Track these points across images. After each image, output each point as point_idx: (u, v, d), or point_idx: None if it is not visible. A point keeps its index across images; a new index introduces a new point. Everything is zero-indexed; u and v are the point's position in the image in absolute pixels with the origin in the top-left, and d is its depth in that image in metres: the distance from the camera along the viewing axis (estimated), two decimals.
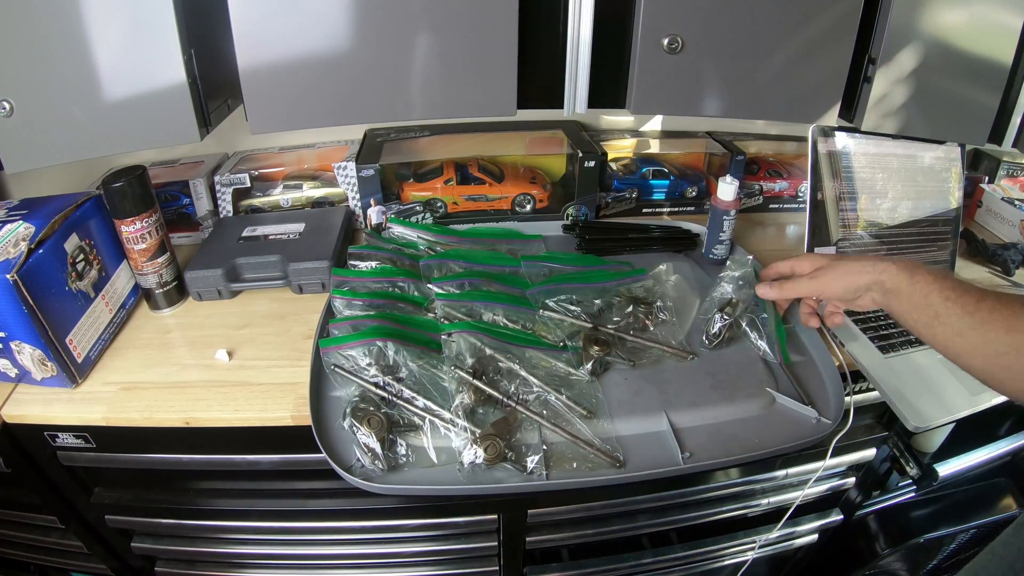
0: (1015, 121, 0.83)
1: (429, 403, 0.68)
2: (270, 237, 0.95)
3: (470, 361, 0.71)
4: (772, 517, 0.94)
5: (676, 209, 1.16)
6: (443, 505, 0.83)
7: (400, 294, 0.84)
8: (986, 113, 0.82)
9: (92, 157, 0.72)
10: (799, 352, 0.81)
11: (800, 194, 1.17)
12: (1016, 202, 1.11)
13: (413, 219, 1.05)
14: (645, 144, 1.16)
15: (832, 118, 0.82)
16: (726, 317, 0.78)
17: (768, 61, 0.77)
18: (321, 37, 0.70)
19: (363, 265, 0.88)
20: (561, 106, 0.79)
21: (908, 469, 0.94)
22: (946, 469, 0.92)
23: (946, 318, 0.56)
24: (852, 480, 0.98)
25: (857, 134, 0.87)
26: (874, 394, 0.82)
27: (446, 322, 0.77)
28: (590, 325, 0.79)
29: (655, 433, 0.70)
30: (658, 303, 0.83)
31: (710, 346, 0.80)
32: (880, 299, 0.64)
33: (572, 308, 0.81)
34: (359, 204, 1.04)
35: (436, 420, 0.67)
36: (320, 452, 0.64)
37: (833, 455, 0.75)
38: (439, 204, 1.06)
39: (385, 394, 0.69)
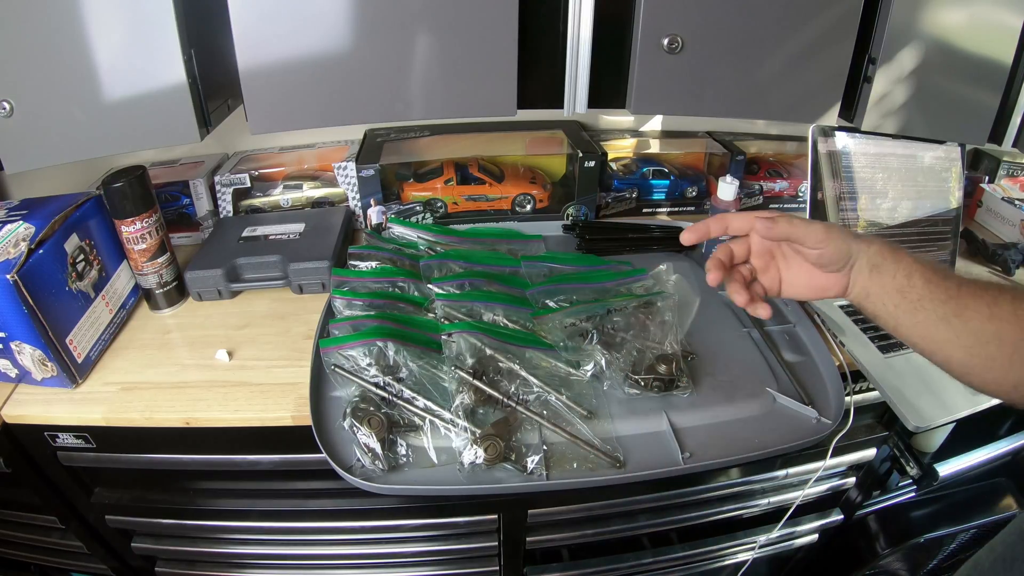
0: (1015, 121, 0.83)
1: (429, 403, 0.68)
2: (270, 237, 0.95)
3: (470, 361, 0.71)
4: (772, 517, 0.94)
5: (676, 209, 1.16)
6: (443, 505, 0.83)
7: (400, 294, 0.84)
8: (986, 113, 0.82)
9: (92, 157, 0.72)
10: (799, 352, 0.81)
11: (800, 194, 1.17)
12: (1016, 202, 1.11)
13: (413, 219, 1.05)
14: (645, 144, 1.16)
15: (832, 118, 0.82)
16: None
17: (768, 61, 0.77)
18: (321, 37, 0.70)
19: (363, 265, 0.88)
20: (561, 106, 0.79)
21: (908, 469, 0.94)
22: (946, 469, 0.91)
23: (929, 303, 0.51)
24: (852, 480, 0.98)
25: (857, 134, 0.87)
26: (874, 394, 0.82)
27: (446, 322, 0.77)
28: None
29: (655, 433, 0.70)
30: (659, 303, 0.83)
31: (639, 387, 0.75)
32: (864, 275, 0.55)
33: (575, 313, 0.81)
34: (359, 204, 1.04)
35: (436, 420, 0.67)
36: (320, 452, 0.64)
37: (833, 455, 0.75)
38: (439, 204, 1.06)
39: (385, 394, 0.69)
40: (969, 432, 0.92)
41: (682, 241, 0.61)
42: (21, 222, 0.70)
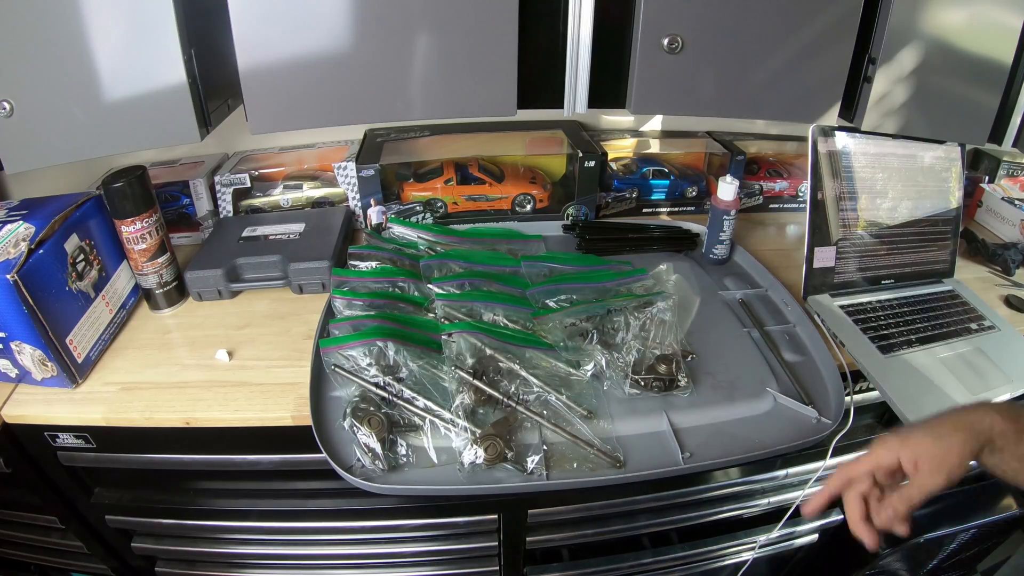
0: (1015, 121, 0.83)
1: (429, 403, 0.68)
2: (270, 237, 0.95)
3: (470, 361, 0.71)
4: (772, 517, 0.93)
5: (676, 209, 1.16)
6: (443, 505, 0.83)
7: (400, 294, 0.84)
8: (986, 113, 0.82)
9: (92, 157, 0.72)
10: (799, 352, 0.81)
11: (800, 194, 1.17)
12: (1016, 202, 1.11)
13: (413, 219, 1.05)
14: (645, 144, 1.16)
15: (832, 118, 0.82)
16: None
17: (768, 61, 0.77)
18: (321, 37, 0.70)
19: (363, 265, 0.88)
20: (561, 106, 0.79)
21: None
22: None
23: None
24: None
25: (857, 134, 0.87)
26: (874, 394, 0.82)
27: (446, 322, 0.77)
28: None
29: (655, 433, 0.70)
30: (658, 303, 0.83)
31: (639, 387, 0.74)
32: (986, 459, 0.52)
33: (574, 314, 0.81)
34: (359, 204, 1.04)
35: (436, 420, 0.67)
36: (320, 452, 0.64)
37: (833, 455, 0.75)
38: (439, 204, 1.06)
39: (385, 394, 0.69)
40: None
41: (804, 513, 0.59)
42: (21, 222, 0.70)
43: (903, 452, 0.53)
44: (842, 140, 0.88)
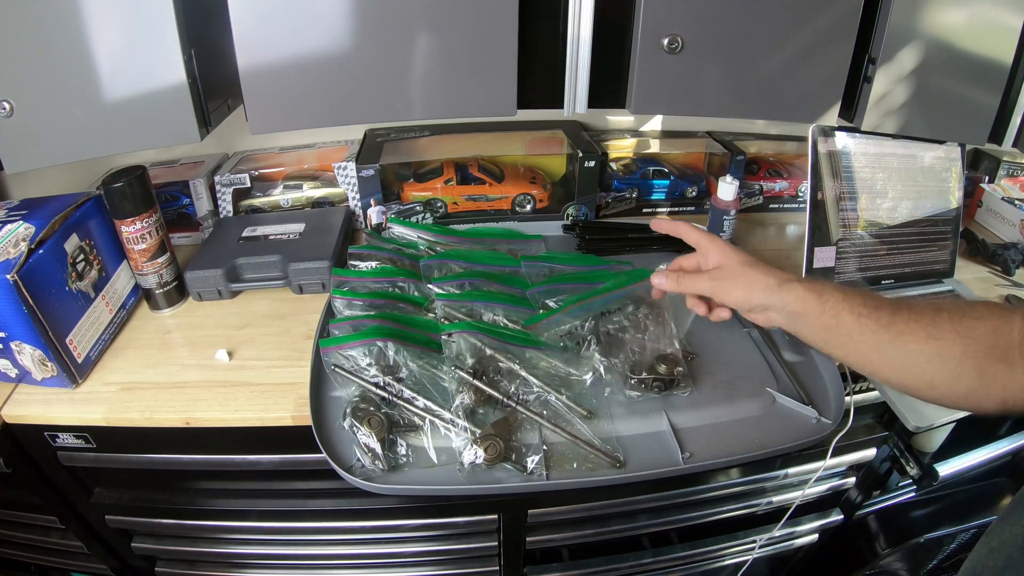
0: (1015, 121, 0.82)
1: (429, 403, 0.68)
2: (270, 237, 0.95)
3: (470, 361, 0.71)
4: (772, 517, 0.93)
5: (676, 209, 1.16)
6: (443, 505, 0.83)
7: (400, 294, 0.84)
8: (986, 113, 0.82)
9: (92, 157, 0.72)
10: (799, 352, 0.81)
11: (800, 194, 1.17)
12: (1016, 202, 1.10)
13: (413, 219, 1.05)
14: (645, 144, 1.16)
15: (832, 118, 0.82)
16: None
17: (768, 61, 0.77)
18: (321, 37, 0.70)
19: (363, 265, 0.88)
20: (561, 106, 0.79)
21: (908, 469, 0.94)
22: (946, 469, 0.91)
23: (860, 336, 0.53)
24: (852, 480, 0.98)
25: (857, 134, 0.87)
26: (874, 394, 0.82)
27: (446, 322, 0.77)
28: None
29: (655, 433, 0.70)
30: (659, 302, 0.83)
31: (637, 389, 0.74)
32: (783, 321, 0.59)
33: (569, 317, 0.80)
34: (359, 204, 1.04)
35: (436, 420, 0.67)
36: (320, 452, 0.64)
37: (833, 455, 0.75)
38: (439, 204, 1.06)
39: (385, 394, 0.69)
40: (969, 432, 0.92)
41: (653, 227, 0.72)
42: (21, 222, 0.70)
43: (709, 289, 0.64)
44: (842, 140, 0.88)
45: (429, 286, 0.84)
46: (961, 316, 0.49)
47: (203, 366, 0.77)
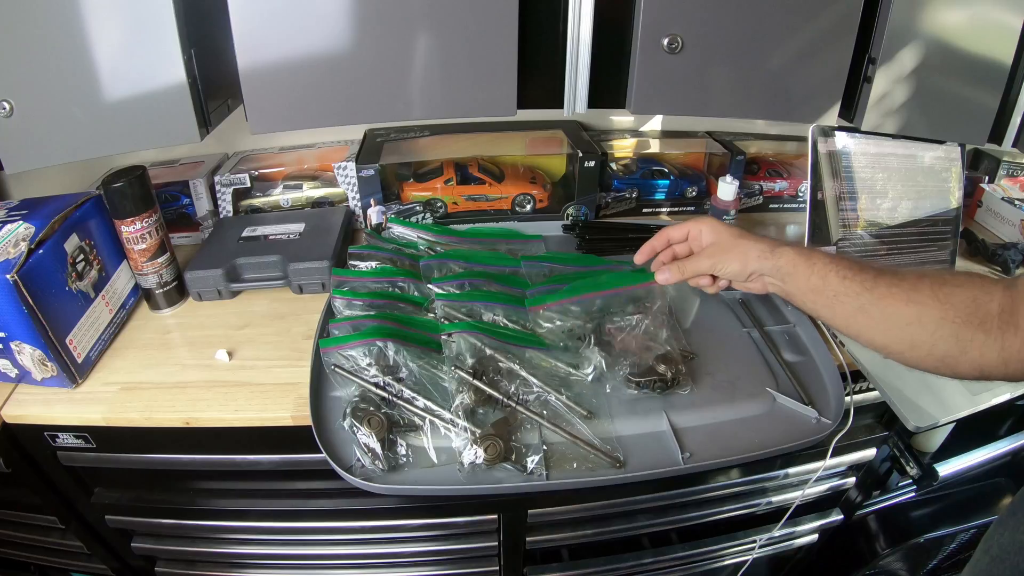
0: (1015, 121, 0.82)
1: (429, 403, 0.68)
2: (270, 237, 0.95)
3: (470, 361, 0.71)
4: (772, 517, 0.93)
5: (676, 209, 1.16)
6: (443, 505, 0.83)
7: (400, 294, 0.84)
8: (986, 113, 0.82)
9: (92, 157, 0.72)
10: (799, 352, 0.81)
11: (800, 194, 1.17)
12: (1016, 202, 1.10)
13: (413, 219, 1.05)
14: (645, 144, 1.16)
15: (832, 118, 0.82)
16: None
17: (768, 61, 0.77)
18: (321, 37, 0.70)
19: (363, 265, 0.88)
20: (561, 106, 0.79)
21: (908, 469, 0.94)
22: (946, 469, 0.92)
23: (845, 296, 0.56)
24: (852, 480, 0.98)
25: (857, 134, 0.87)
26: (874, 394, 0.82)
27: (446, 322, 0.77)
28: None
29: (655, 433, 0.70)
30: (658, 303, 0.83)
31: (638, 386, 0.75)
32: (777, 283, 0.64)
33: (573, 308, 0.81)
34: (359, 204, 1.04)
35: (436, 420, 0.67)
36: (320, 452, 0.64)
37: (833, 455, 0.75)
38: (439, 204, 1.06)
39: (385, 394, 0.69)
40: (969, 432, 0.92)
41: (635, 261, 0.76)
42: (21, 222, 0.70)
43: (708, 267, 0.69)
44: (842, 140, 0.88)
45: (429, 286, 0.84)
46: (942, 283, 0.52)
47: (203, 366, 0.77)
